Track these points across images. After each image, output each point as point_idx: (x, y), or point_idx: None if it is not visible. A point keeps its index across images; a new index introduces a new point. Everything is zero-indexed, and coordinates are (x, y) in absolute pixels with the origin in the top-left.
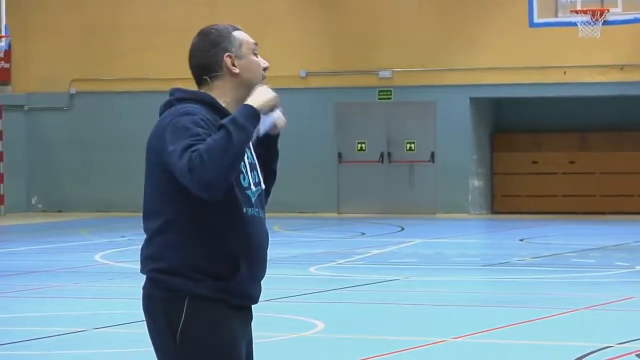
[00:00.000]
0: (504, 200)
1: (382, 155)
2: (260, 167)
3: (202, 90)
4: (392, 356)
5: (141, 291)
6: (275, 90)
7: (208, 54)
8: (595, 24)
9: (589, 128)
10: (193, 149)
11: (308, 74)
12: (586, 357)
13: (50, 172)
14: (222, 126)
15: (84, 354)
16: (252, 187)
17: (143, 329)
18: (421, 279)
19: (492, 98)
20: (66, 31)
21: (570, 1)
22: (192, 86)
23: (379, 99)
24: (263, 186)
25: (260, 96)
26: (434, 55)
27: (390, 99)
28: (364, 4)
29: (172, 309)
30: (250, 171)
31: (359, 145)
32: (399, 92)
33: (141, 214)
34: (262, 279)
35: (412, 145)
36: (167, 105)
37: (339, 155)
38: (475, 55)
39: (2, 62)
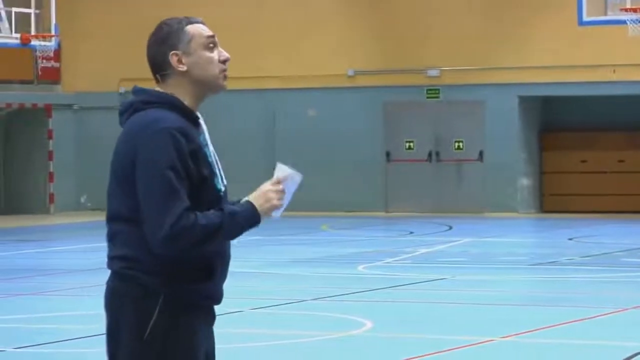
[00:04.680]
0: (553, 199)
1: (430, 154)
2: None
3: (165, 92)
4: (440, 355)
5: (105, 286)
6: (323, 89)
7: (157, 52)
8: None
9: (638, 127)
10: (179, 225)
11: (356, 73)
12: (635, 357)
13: (100, 170)
14: (220, 211)
15: None
16: (223, 187)
17: None
18: (469, 278)
19: (541, 97)
20: (115, 30)
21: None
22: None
23: (427, 97)
24: (225, 182)
25: (268, 204)
26: (483, 54)
27: (438, 97)
28: (411, 2)
29: (144, 307)
30: (219, 171)
31: (407, 144)
32: (447, 91)
33: None
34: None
35: (461, 144)
36: (132, 108)
37: (387, 154)
38: (524, 53)
39: (52, 61)
